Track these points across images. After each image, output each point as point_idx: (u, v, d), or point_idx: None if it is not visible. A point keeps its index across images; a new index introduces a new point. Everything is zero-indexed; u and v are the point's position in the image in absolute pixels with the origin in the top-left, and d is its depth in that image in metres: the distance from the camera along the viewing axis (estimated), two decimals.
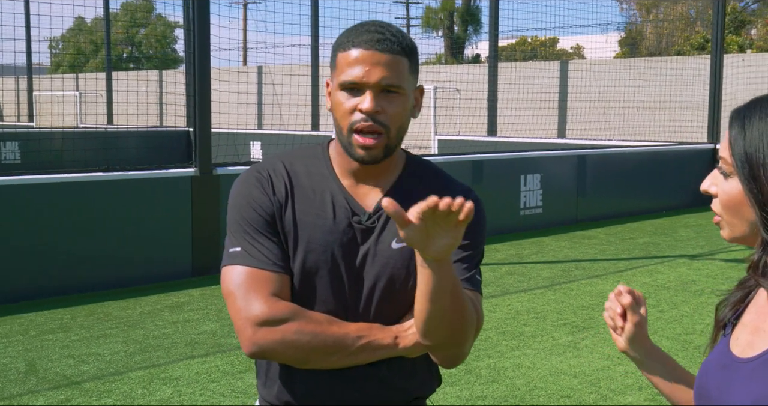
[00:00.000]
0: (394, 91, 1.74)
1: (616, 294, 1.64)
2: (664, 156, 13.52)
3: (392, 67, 1.73)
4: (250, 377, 5.16)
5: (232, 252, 1.79)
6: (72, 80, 28.19)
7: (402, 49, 1.75)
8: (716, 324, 1.55)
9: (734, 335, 1.49)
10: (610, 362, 5.52)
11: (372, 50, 1.72)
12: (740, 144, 1.43)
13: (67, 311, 6.70)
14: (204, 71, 8.17)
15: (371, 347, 1.74)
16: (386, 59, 1.72)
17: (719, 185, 1.48)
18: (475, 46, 43.51)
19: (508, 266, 8.75)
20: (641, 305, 1.65)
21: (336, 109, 1.76)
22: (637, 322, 1.63)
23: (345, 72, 1.73)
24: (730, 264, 8.89)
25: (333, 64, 1.79)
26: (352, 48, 1.73)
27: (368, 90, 1.72)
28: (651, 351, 1.67)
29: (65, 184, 7.36)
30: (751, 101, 1.47)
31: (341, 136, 1.77)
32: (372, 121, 1.72)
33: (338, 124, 1.77)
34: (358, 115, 1.73)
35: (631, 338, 1.65)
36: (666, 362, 1.68)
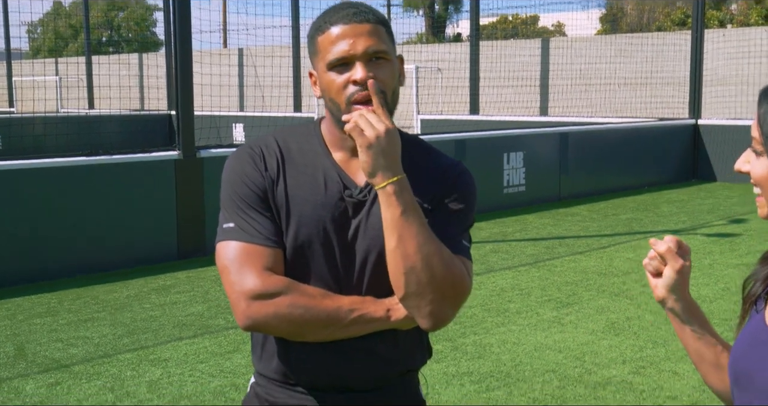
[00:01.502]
0: (382, 58, 1.77)
1: (651, 243, 1.60)
2: (645, 132, 13.59)
3: (375, 35, 1.77)
4: (239, 358, 5.20)
5: (225, 228, 1.82)
6: (52, 65, 27.97)
7: (377, 19, 1.79)
8: (745, 300, 1.51)
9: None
10: (594, 337, 5.59)
11: (351, 23, 1.75)
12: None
13: (54, 296, 6.71)
14: (185, 54, 8.14)
15: (364, 320, 1.77)
16: (368, 29, 1.76)
17: (752, 163, 1.45)
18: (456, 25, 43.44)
19: (492, 244, 8.81)
20: (686, 255, 1.59)
21: (328, 89, 1.78)
22: (679, 269, 1.57)
23: (330, 51, 1.76)
24: (712, 238, 8.99)
25: (313, 50, 1.81)
26: (331, 27, 1.76)
27: (357, 61, 1.75)
28: (689, 305, 1.60)
29: (48, 169, 7.35)
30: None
31: (339, 113, 1.78)
32: None
33: (334, 102, 1.78)
34: (353, 88, 1.75)
35: (673, 287, 1.58)
36: (701, 321, 1.61)
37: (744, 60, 17.09)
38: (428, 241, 1.72)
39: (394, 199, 1.70)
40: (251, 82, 21.12)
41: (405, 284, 1.72)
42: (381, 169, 1.70)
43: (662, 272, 1.59)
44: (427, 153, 1.92)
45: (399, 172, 1.72)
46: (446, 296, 1.74)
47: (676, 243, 1.59)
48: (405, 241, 1.70)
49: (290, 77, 18.31)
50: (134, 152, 8.08)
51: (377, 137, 1.69)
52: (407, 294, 1.73)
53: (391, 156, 1.71)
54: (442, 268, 1.72)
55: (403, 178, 1.72)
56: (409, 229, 1.70)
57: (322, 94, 1.82)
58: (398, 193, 1.70)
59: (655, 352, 5.26)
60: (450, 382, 4.78)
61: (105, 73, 20.84)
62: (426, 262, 1.70)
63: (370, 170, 1.71)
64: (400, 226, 1.70)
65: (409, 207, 1.71)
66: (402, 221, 1.70)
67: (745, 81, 16.92)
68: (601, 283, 7.07)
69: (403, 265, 1.71)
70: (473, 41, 15.98)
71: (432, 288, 1.72)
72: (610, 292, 6.77)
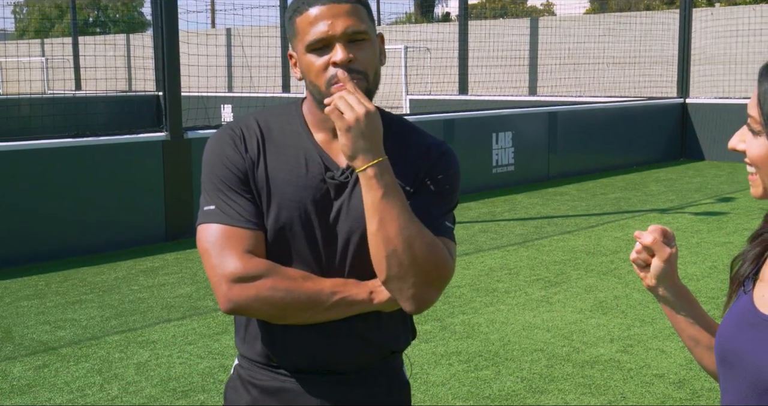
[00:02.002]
0: (362, 38, 1.75)
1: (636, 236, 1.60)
2: (634, 111, 13.59)
3: (354, 15, 1.74)
4: (227, 339, 5.19)
5: (206, 210, 1.80)
6: (38, 46, 27.77)
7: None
8: (733, 280, 1.51)
9: (757, 291, 1.44)
10: (582, 316, 5.61)
11: (329, 3, 1.72)
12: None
13: (42, 278, 6.69)
14: (172, 34, 8.08)
15: (346, 303, 1.76)
16: (346, 9, 1.73)
17: (748, 142, 1.42)
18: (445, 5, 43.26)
19: (481, 224, 8.82)
20: (671, 242, 1.59)
21: (308, 72, 1.76)
22: (666, 258, 1.57)
23: (308, 32, 1.73)
24: (700, 217, 9.01)
25: (292, 31, 1.78)
26: (309, 8, 1.73)
27: (337, 42, 1.72)
28: (680, 290, 1.61)
29: (35, 150, 7.30)
30: None
31: (320, 95, 1.76)
32: (351, 72, 1.72)
33: (314, 84, 1.76)
34: (333, 70, 1.73)
35: (661, 275, 1.58)
36: (693, 305, 1.62)
37: (732, 39, 17.08)
38: (410, 223, 1.70)
39: (375, 182, 1.69)
40: (239, 63, 21.02)
41: (387, 267, 1.71)
42: (361, 152, 1.68)
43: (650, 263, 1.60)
44: (410, 132, 1.89)
45: (380, 155, 1.70)
46: (429, 278, 1.73)
47: (661, 232, 1.60)
48: (386, 224, 1.69)
49: (278, 57, 18.22)
50: (121, 133, 8.04)
51: (357, 120, 1.66)
52: (389, 277, 1.72)
53: (372, 138, 1.68)
54: (424, 250, 1.71)
55: (384, 161, 1.70)
56: (390, 212, 1.69)
57: (303, 76, 1.80)
58: (379, 176, 1.69)
59: (643, 330, 5.29)
60: (438, 362, 4.79)
61: (92, 54, 20.69)
62: (407, 245, 1.69)
63: (350, 153, 1.69)
64: (381, 209, 1.69)
65: (390, 190, 1.70)
66: (383, 203, 1.69)
67: (733, 60, 16.92)
68: (589, 262, 7.08)
69: (384, 248, 1.69)
70: (462, 21, 15.92)
71: (414, 271, 1.71)
72: (598, 271, 6.78)
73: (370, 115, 1.67)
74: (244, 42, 19.72)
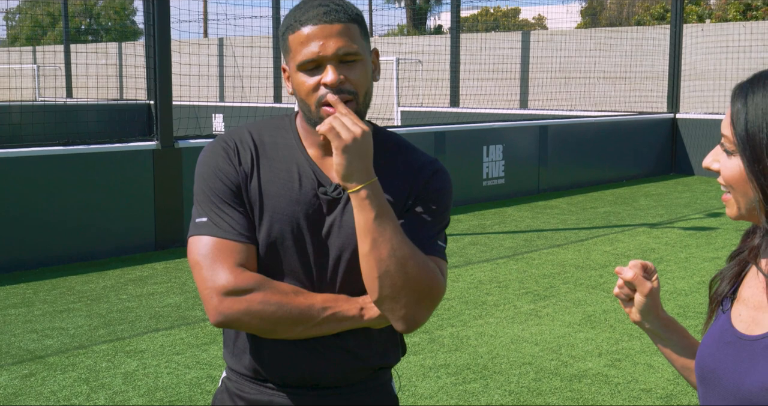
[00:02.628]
0: (353, 59, 1.74)
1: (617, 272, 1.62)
2: (624, 126, 13.65)
3: (345, 36, 1.73)
4: (215, 349, 5.18)
5: (198, 222, 1.79)
6: (29, 53, 27.72)
7: (349, 17, 1.75)
8: (712, 300, 1.52)
9: (735, 310, 1.45)
10: (571, 329, 5.62)
11: (321, 24, 1.71)
12: (742, 122, 1.36)
13: (29, 286, 6.66)
14: (164, 43, 8.09)
15: (337, 318, 1.76)
16: (338, 29, 1.72)
17: (722, 162, 1.42)
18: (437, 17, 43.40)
19: (471, 237, 8.82)
20: (652, 276, 1.61)
21: (299, 90, 1.76)
22: (647, 293, 1.59)
23: (300, 52, 1.73)
24: (689, 232, 9.04)
25: (285, 48, 1.78)
26: (301, 27, 1.72)
27: (328, 63, 1.72)
28: (665, 323, 1.63)
29: (25, 158, 7.28)
30: (754, 76, 1.41)
31: (309, 113, 1.77)
32: (340, 93, 1.73)
33: (304, 103, 1.76)
34: (324, 90, 1.73)
35: (644, 310, 1.61)
36: (681, 335, 1.64)
37: (722, 55, 17.19)
38: (402, 245, 1.70)
39: (368, 204, 1.69)
40: (231, 73, 21.02)
41: (379, 287, 1.71)
42: (355, 173, 1.68)
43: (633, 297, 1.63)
44: (403, 150, 1.89)
45: (372, 176, 1.70)
46: (420, 298, 1.73)
47: (641, 267, 1.62)
48: (379, 245, 1.69)
49: (270, 68, 18.23)
50: (112, 142, 8.02)
51: (354, 139, 1.66)
52: (381, 297, 1.72)
53: (365, 159, 1.69)
54: (417, 271, 1.71)
55: (375, 182, 1.70)
56: (383, 233, 1.69)
57: (294, 93, 1.80)
58: (371, 197, 1.69)
59: (631, 345, 5.29)
60: (426, 374, 4.79)
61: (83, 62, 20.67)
62: (400, 266, 1.69)
63: (345, 173, 1.68)
64: (373, 230, 1.69)
65: (383, 211, 1.70)
66: (375, 225, 1.69)
67: (723, 76, 17.02)
68: (578, 276, 7.10)
69: (377, 269, 1.70)
70: (454, 33, 15.97)
71: (406, 292, 1.71)
72: (587, 285, 6.80)
73: (365, 135, 1.68)
74: (236, 52, 19.74)
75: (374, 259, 1.69)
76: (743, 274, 1.48)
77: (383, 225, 1.69)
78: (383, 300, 1.72)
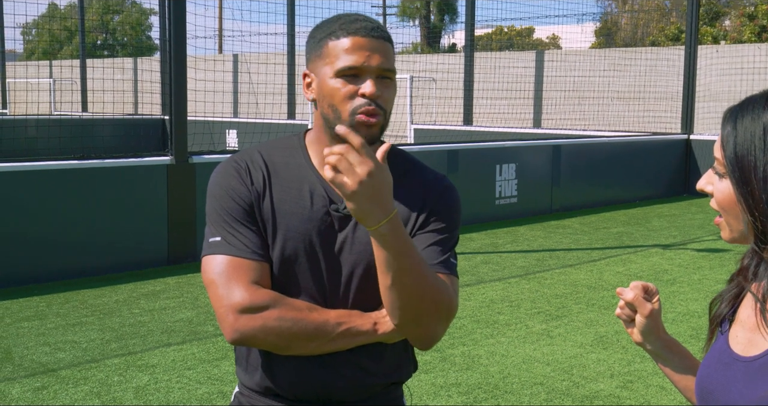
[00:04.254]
0: (388, 77, 1.79)
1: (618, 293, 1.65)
2: (638, 146, 13.63)
3: (387, 54, 1.79)
4: (226, 365, 5.18)
5: (212, 242, 1.81)
6: (46, 67, 27.93)
7: (388, 38, 1.81)
8: (712, 321, 1.53)
9: (732, 331, 1.47)
10: (583, 350, 5.59)
11: (369, 37, 1.76)
12: (731, 145, 1.39)
13: (43, 299, 6.69)
14: (180, 59, 8.14)
15: (351, 333, 1.78)
16: (382, 46, 1.78)
17: (715, 185, 1.44)
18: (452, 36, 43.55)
19: (483, 255, 8.81)
20: (653, 297, 1.64)
21: (331, 96, 1.77)
22: (647, 314, 1.62)
23: (341, 59, 1.75)
24: (702, 253, 9.01)
25: (319, 53, 1.80)
26: (349, 35, 1.76)
27: (369, 76, 1.76)
28: (667, 344, 1.65)
29: (41, 172, 7.33)
30: (744, 100, 1.43)
31: (338, 120, 1.77)
32: (374, 105, 1.76)
33: (335, 109, 1.77)
34: (361, 100, 1.75)
35: (645, 331, 1.64)
36: (683, 356, 1.66)
37: (737, 76, 17.18)
38: (423, 276, 1.71)
39: (387, 240, 1.65)
40: (245, 89, 21.12)
41: (401, 315, 1.74)
42: (369, 215, 1.62)
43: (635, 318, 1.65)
44: (413, 168, 1.91)
45: (389, 211, 1.63)
46: (439, 319, 1.77)
47: (642, 288, 1.64)
48: (401, 277, 1.69)
49: (284, 84, 18.32)
50: (126, 157, 8.07)
51: (360, 183, 1.57)
52: (403, 323, 1.76)
53: (379, 196, 1.60)
54: (437, 297, 1.74)
55: (393, 217, 1.64)
56: (404, 267, 1.68)
57: (321, 99, 1.80)
58: (390, 233, 1.64)
59: (643, 366, 5.27)
60: (438, 393, 4.78)
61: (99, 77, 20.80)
62: (421, 295, 1.71)
63: (359, 216, 1.63)
64: (395, 266, 1.67)
65: (402, 245, 1.66)
66: (396, 260, 1.67)
67: (738, 97, 16.93)
68: (590, 296, 7.08)
69: (398, 299, 1.71)
70: (468, 52, 16.02)
71: (427, 315, 1.75)
72: (599, 305, 6.77)
73: (373, 174, 1.58)
74: (250, 68, 19.83)
75: (396, 291, 1.71)
76: (742, 295, 1.50)
77: (404, 259, 1.67)
78: (405, 325, 1.77)
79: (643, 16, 36.19)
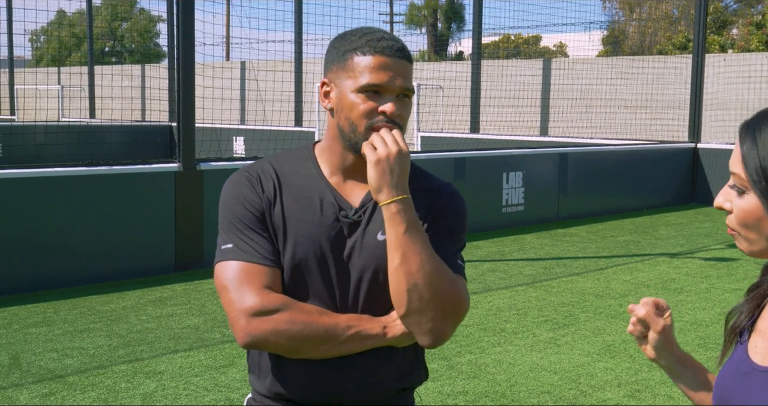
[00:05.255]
0: (408, 96, 1.86)
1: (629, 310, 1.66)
2: (645, 155, 13.62)
3: (408, 75, 1.85)
4: (233, 372, 5.19)
5: (224, 249, 1.85)
6: (54, 74, 28.05)
7: (410, 58, 1.88)
8: (729, 332, 1.54)
9: (752, 342, 1.48)
10: (590, 359, 5.59)
11: (395, 58, 1.82)
12: (755, 159, 1.40)
13: (50, 305, 6.70)
14: (188, 66, 8.17)
15: (360, 337, 1.80)
16: (406, 66, 1.84)
17: (733, 202, 1.45)
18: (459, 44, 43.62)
19: (490, 263, 8.81)
20: (665, 313, 1.65)
21: (350, 110, 1.82)
22: (660, 330, 1.63)
23: (364, 75, 1.81)
24: (710, 262, 8.99)
25: (343, 65, 1.84)
26: (375, 53, 1.81)
27: (390, 94, 1.82)
28: (681, 359, 1.66)
29: (49, 178, 7.36)
30: (758, 114, 1.45)
31: (352, 135, 1.83)
32: (392, 123, 1.82)
33: (352, 123, 1.83)
34: (380, 117, 1.81)
35: (658, 346, 1.65)
36: (696, 370, 1.67)
37: (744, 85, 17.16)
38: (431, 259, 1.76)
39: (399, 217, 1.76)
40: (253, 96, 21.17)
41: (408, 300, 1.76)
42: (386, 186, 1.76)
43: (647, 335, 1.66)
44: (418, 174, 1.95)
45: (405, 192, 1.78)
46: (447, 313, 1.78)
47: (653, 304, 1.65)
48: (408, 258, 1.75)
49: (292, 92, 18.36)
50: (134, 163, 8.09)
51: (387, 155, 1.76)
52: (409, 311, 1.77)
53: (399, 176, 1.77)
54: (445, 285, 1.77)
55: (408, 198, 1.78)
56: (413, 247, 1.75)
57: (339, 110, 1.85)
58: (402, 212, 1.76)
59: (651, 375, 5.26)
60: (445, 401, 4.78)
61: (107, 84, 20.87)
62: (429, 279, 1.75)
63: (376, 185, 1.76)
64: (404, 244, 1.75)
65: (413, 225, 1.77)
66: (406, 238, 1.75)
67: (745, 106, 16.98)
68: (597, 305, 7.07)
69: (406, 282, 1.75)
70: (475, 60, 16.04)
71: (434, 305, 1.76)
72: (606, 314, 6.76)
73: (401, 154, 1.78)
74: (258, 75, 19.88)
75: (404, 272, 1.75)
76: (762, 306, 1.50)
77: (413, 239, 1.76)
78: (411, 313, 1.77)
79: (651, 25, 36.20)
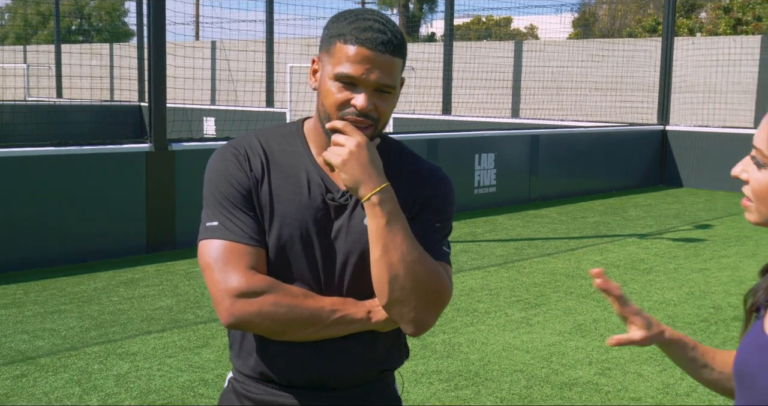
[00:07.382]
0: (387, 91, 1.79)
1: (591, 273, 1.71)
2: (615, 137, 13.72)
3: (389, 69, 1.77)
4: (207, 352, 5.19)
5: (209, 226, 1.82)
6: (20, 52, 27.65)
7: (400, 51, 1.79)
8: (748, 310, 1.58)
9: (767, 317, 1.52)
10: (562, 338, 5.65)
11: (375, 51, 1.74)
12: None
13: (20, 287, 6.65)
14: (159, 45, 8.08)
15: (345, 321, 1.80)
16: (386, 62, 1.76)
17: (751, 173, 1.47)
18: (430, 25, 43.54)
19: (462, 244, 8.85)
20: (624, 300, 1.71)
21: (326, 97, 1.78)
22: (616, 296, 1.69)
23: (342, 64, 1.75)
24: (678, 243, 9.10)
25: (328, 48, 1.80)
26: (356, 44, 1.74)
27: (364, 88, 1.76)
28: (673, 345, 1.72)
29: (16, 158, 7.27)
30: None
31: (327, 119, 1.80)
32: (364, 117, 1.77)
33: (326, 110, 1.79)
34: (350, 109, 1.77)
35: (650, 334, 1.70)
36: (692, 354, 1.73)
37: (712, 68, 17.32)
38: (412, 249, 1.74)
39: (379, 210, 1.73)
40: (224, 76, 21.02)
41: (389, 291, 1.74)
42: (361, 183, 1.73)
43: None
44: (408, 158, 1.94)
45: (381, 182, 1.74)
46: (429, 302, 1.77)
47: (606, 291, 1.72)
48: (389, 250, 1.73)
49: (263, 72, 18.25)
50: (105, 144, 8.01)
51: (349, 153, 1.72)
52: (391, 301, 1.76)
53: (368, 168, 1.74)
54: (426, 275, 1.75)
55: (386, 187, 1.75)
56: (394, 239, 1.73)
57: (318, 93, 1.82)
58: (382, 203, 1.73)
59: (621, 354, 5.33)
60: (419, 380, 4.81)
61: (75, 63, 20.63)
62: (410, 270, 1.73)
63: (351, 186, 1.74)
64: (384, 236, 1.73)
65: (394, 217, 1.74)
66: (386, 231, 1.73)
67: (713, 89, 17.14)
68: (568, 285, 7.13)
69: (387, 273, 1.73)
70: (447, 41, 16.03)
71: (415, 295, 1.75)
72: (577, 294, 6.83)
73: (360, 145, 1.74)
74: (229, 55, 19.74)
75: (385, 264, 1.73)
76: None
77: (394, 231, 1.73)
78: (393, 304, 1.76)
79: (621, 8, 36.35)
